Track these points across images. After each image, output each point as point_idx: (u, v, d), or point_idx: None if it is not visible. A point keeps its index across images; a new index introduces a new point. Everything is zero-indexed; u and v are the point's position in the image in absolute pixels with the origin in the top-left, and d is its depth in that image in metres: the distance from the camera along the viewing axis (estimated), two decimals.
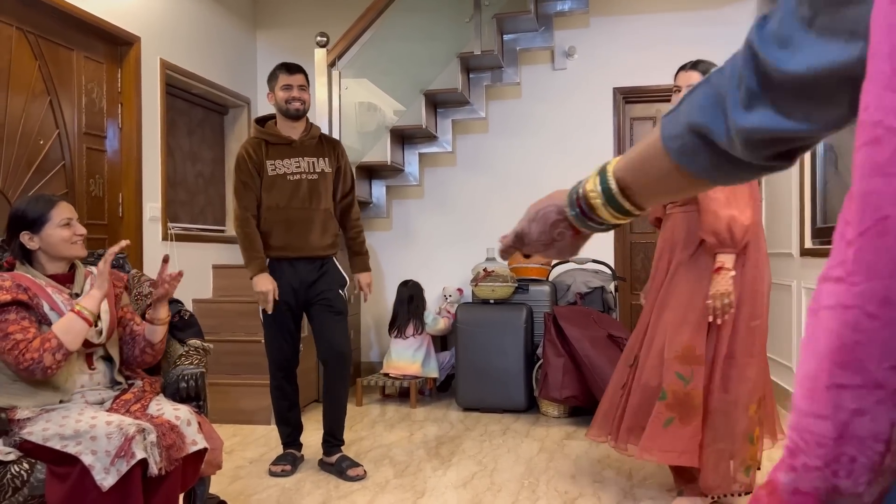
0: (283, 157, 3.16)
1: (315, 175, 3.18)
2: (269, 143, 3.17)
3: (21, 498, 1.85)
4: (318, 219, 3.19)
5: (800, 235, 4.00)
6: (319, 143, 3.26)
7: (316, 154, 3.21)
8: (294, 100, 3.13)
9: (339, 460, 3.16)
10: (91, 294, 2.08)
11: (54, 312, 2.07)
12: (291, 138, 3.18)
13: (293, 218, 3.14)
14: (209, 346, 2.46)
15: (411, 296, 4.74)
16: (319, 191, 3.19)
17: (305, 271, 3.17)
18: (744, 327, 2.49)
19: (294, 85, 3.14)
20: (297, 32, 5.56)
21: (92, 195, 3.95)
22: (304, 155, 3.18)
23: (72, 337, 2.00)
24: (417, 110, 4.77)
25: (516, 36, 5.04)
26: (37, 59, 3.57)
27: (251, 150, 3.16)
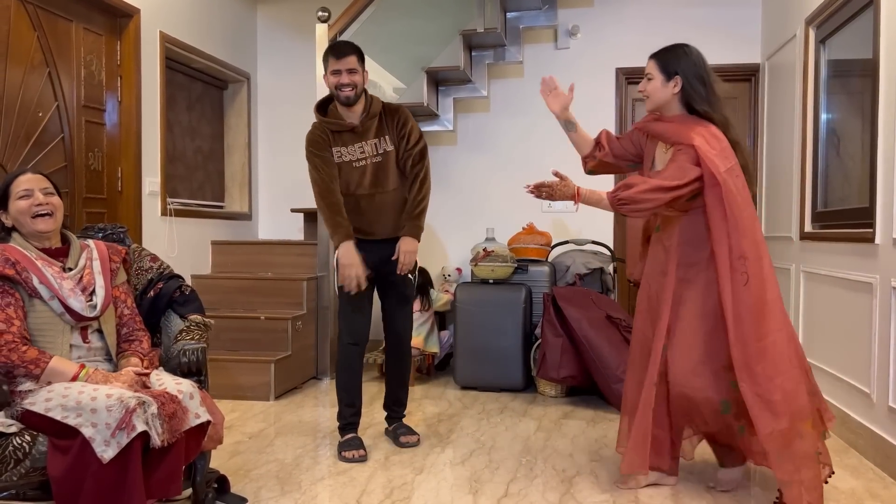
0: (346, 143, 3.05)
1: (379, 157, 3.06)
2: (333, 130, 3.06)
3: (23, 470, 1.85)
4: (389, 201, 3.10)
5: (800, 219, 4.00)
6: (380, 120, 3.09)
7: (378, 134, 3.06)
8: (343, 86, 2.96)
9: (395, 427, 3.31)
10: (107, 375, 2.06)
11: (44, 286, 2.07)
12: (353, 124, 3.04)
13: (363, 204, 3.08)
14: (210, 321, 2.46)
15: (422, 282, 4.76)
16: (386, 172, 3.07)
17: (379, 249, 3.10)
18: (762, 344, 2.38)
19: (343, 70, 2.95)
20: (299, 7, 5.51)
21: (91, 169, 3.93)
22: (367, 138, 3.05)
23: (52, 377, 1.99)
24: (419, 88, 4.74)
25: (520, 14, 5.00)
26: (35, 30, 3.52)
27: (319, 134, 3.05)
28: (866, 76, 3.20)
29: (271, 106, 5.65)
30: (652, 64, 2.60)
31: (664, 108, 2.61)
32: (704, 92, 2.53)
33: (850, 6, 3.39)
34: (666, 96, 2.58)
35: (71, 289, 2.12)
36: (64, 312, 2.10)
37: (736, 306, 2.39)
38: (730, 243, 2.40)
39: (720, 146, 2.48)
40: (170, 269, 2.59)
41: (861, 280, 3.16)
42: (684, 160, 2.46)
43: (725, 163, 2.45)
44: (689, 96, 2.54)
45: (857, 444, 3.15)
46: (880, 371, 2.97)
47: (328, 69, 3.01)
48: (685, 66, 2.54)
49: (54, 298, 2.09)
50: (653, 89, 2.60)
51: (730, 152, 2.49)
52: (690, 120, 2.55)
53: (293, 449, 3.19)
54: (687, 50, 2.57)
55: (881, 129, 3.00)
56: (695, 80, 2.53)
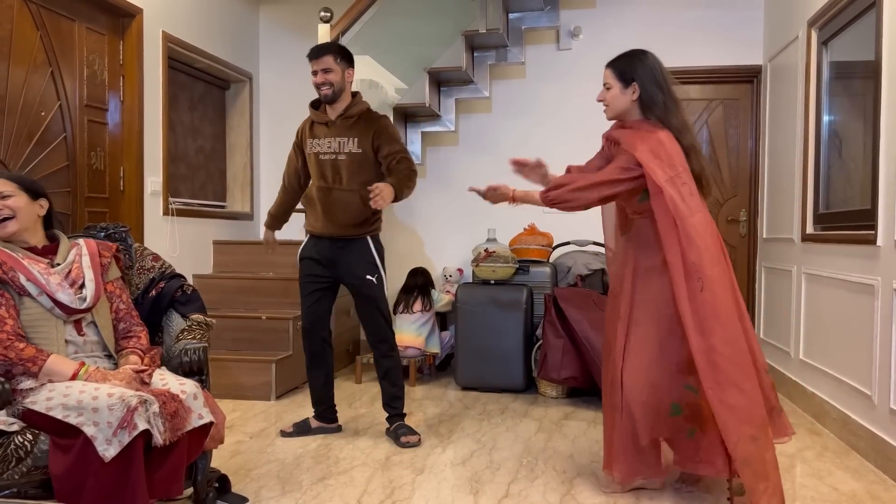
0: (320, 136, 3.24)
1: (343, 155, 3.19)
2: (314, 122, 3.29)
3: (24, 468, 1.86)
4: (343, 199, 3.20)
5: (801, 221, 4.00)
6: (357, 122, 3.20)
7: (349, 134, 3.19)
8: (321, 85, 3.16)
9: (395, 427, 3.31)
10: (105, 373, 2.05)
11: (31, 283, 2.07)
12: (329, 118, 3.23)
13: (320, 196, 3.24)
14: (212, 320, 2.46)
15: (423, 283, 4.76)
16: (347, 171, 3.19)
17: (328, 248, 3.26)
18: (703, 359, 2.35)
19: (318, 70, 3.15)
20: (301, 7, 5.51)
21: (93, 168, 3.93)
22: (337, 135, 3.20)
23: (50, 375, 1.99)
24: (421, 88, 4.74)
25: (522, 15, 5.00)
26: (38, 30, 3.53)
27: (300, 129, 3.35)
28: (868, 78, 3.20)
29: (273, 106, 5.65)
30: (609, 72, 2.57)
31: (624, 115, 2.60)
32: (661, 97, 2.51)
33: (853, 8, 3.39)
34: (625, 104, 2.56)
35: (59, 283, 2.12)
36: (54, 307, 2.10)
37: (695, 313, 2.36)
38: (682, 250, 2.39)
39: (666, 153, 2.44)
40: (171, 269, 2.60)
41: (862, 282, 3.15)
42: (624, 161, 2.47)
43: (668, 171, 2.42)
44: (647, 102, 2.53)
45: (859, 446, 3.15)
46: (881, 373, 2.97)
47: (311, 69, 3.20)
48: (642, 73, 2.52)
49: (42, 294, 2.09)
50: (611, 98, 2.58)
51: (678, 160, 2.44)
52: (645, 126, 2.52)
53: (294, 449, 3.19)
54: (642, 56, 2.56)
55: (883, 131, 3.00)
56: (652, 85, 2.51)
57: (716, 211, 5.07)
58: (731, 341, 2.34)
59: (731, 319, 2.37)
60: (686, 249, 2.38)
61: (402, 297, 4.75)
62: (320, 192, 3.23)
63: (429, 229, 5.40)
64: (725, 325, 2.35)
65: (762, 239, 4.88)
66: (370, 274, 3.24)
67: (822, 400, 3.59)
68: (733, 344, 2.34)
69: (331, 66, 3.14)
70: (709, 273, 2.36)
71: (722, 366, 2.33)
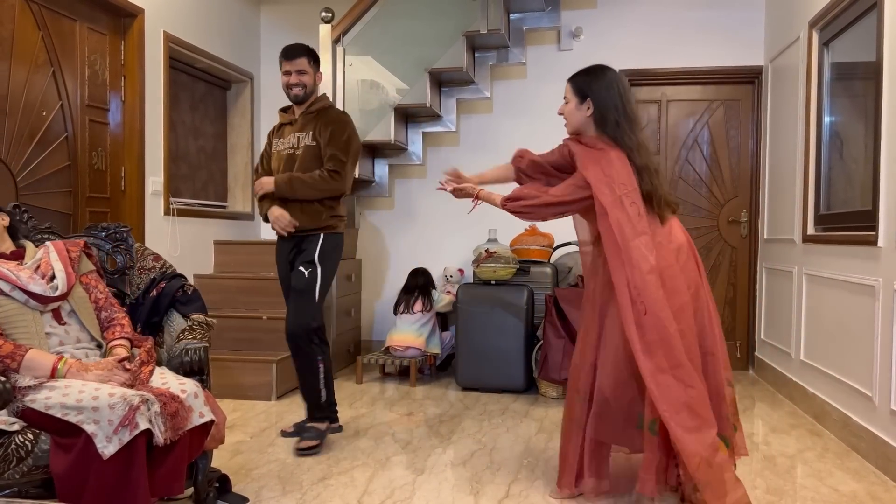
0: (283, 134, 3.31)
1: (300, 150, 3.22)
2: (282, 123, 3.35)
3: (25, 468, 1.86)
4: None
5: (802, 222, 4.00)
6: (315, 116, 3.24)
7: (306, 129, 3.23)
8: (293, 85, 3.19)
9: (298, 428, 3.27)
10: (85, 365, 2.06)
11: (2, 281, 2.09)
12: (294, 117, 3.29)
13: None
14: (213, 320, 2.46)
15: (424, 283, 4.77)
16: (302, 166, 3.18)
17: (288, 247, 3.28)
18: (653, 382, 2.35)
19: (293, 70, 3.18)
20: (302, 8, 5.52)
21: (94, 168, 3.93)
22: (298, 131, 3.25)
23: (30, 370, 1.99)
24: (422, 89, 4.74)
25: (523, 15, 5.00)
26: (40, 30, 3.53)
27: (271, 129, 3.41)
28: (869, 79, 3.20)
29: (274, 106, 5.63)
30: (567, 86, 2.59)
31: (581, 130, 2.59)
32: (615, 116, 2.49)
33: (854, 9, 3.39)
34: (581, 119, 2.56)
35: (29, 276, 2.14)
36: (28, 299, 2.11)
37: (641, 337, 2.35)
38: (626, 273, 2.37)
39: (616, 173, 2.43)
40: (172, 269, 2.60)
41: (863, 283, 3.15)
42: (574, 180, 2.50)
43: (616, 191, 2.41)
44: (599, 119, 2.52)
45: (859, 447, 3.15)
46: (882, 374, 2.97)
47: (281, 70, 3.22)
48: (597, 89, 2.51)
49: (15, 289, 2.10)
50: (568, 112, 2.59)
51: (626, 179, 2.43)
52: (599, 144, 2.51)
53: (294, 449, 3.19)
54: (602, 73, 2.55)
55: (884, 132, 3.00)
56: (607, 103, 2.50)
57: (717, 212, 5.07)
58: (679, 364, 2.32)
59: (678, 342, 2.34)
60: (629, 273, 2.37)
61: (402, 297, 4.75)
62: None
63: (430, 230, 5.40)
64: (673, 347, 2.33)
65: (763, 240, 4.88)
66: (304, 267, 3.18)
67: (823, 401, 3.59)
68: (682, 366, 2.32)
69: (305, 68, 3.18)
70: (653, 296, 2.34)
71: (672, 388, 2.32)
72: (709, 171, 5.09)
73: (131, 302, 2.51)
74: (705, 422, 2.33)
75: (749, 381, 4.73)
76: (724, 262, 5.07)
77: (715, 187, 5.08)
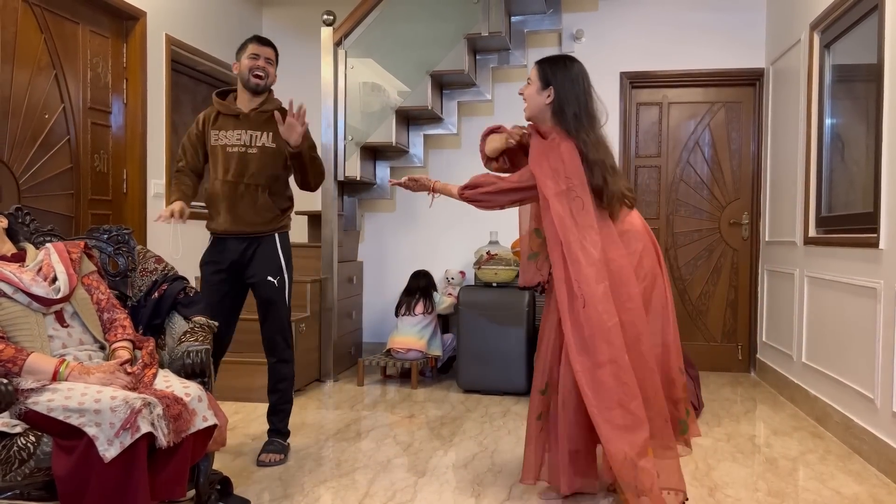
0: (227, 128, 3.07)
1: (254, 149, 3.04)
2: (220, 113, 3.09)
3: (27, 470, 1.86)
4: (252, 194, 3.05)
5: (804, 224, 4.00)
6: (272, 117, 3.06)
7: (261, 128, 3.05)
8: (258, 69, 3.02)
9: (266, 443, 3.11)
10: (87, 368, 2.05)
11: (5, 283, 2.09)
12: (240, 111, 3.06)
13: (227, 191, 3.05)
14: (214, 323, 2.46)
15: (426, 285, 4.77)
16: (257, 166, 3.04)
17: (236, 249, 3.08)
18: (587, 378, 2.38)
19: (262, 55, 3.04)
20: (303, 10, 5.53)
21: (96, 171, 3.94)
22: (248, 128, 3.05)
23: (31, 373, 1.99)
24: (423, 91, 4.75)
25: (524, 18, 5.01)
26: (42, 33, 3.54)
27: (202, 119, 3.13)
28: (871, 81, 3.20)
29: None
30: (534, 69, 2.57)
31: (538, 116, 2.58)
32: (575, 109, 2.49)
33: (855, 11, 3.39)
34: (539, 104, 2.54)
35: (32, 278, 2.14)
36: (31, 301, 2.11)
37: (577, 331, 2.35)
38: (565, 266, 2.38)
39: (564, 167, 2.42)
40: (174, 271, 2.60)
41: (865, 285, 3.15)
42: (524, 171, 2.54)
43: (560, 184, 2.41)
44: (557, 109, 2.51)
45: (861, 449, 3.15)
46: (884, 376, 2.97)
47: (246, 53, 3.05)
48: (561, 79, 2.50)
49: (18, 291, 2.10)
50: (528, 95, 2.57)
51: (572, 172, 2.42)
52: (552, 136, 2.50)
53: (296, 451, 3.19)
54: (569, 63, 2.54)
55: (885, 134, 3.00)
56: (568, 94, 2.49)
57: (718, 214, 5.07)
58: (615, 359, 2.31)
59: (616, 337, 2.33)
60: (570, 265, 2.36)
61: (403, 299, 4.75)
62: (226, 187, 3.05)
63: (431, 232, 5.41)
64: (611, 342, 2.31)
65: (764, 242, 4.87)
66: (272, 276, 3.08)
67: (825, 403, 3.59)
68: (618, 362, 2.31)
69: (272, 59, 3.10)
70: (592, 290, 2.33)
71: (607, 384, 2.31)
72: (710, 173, 5.09)
73: (133, 304, 2.51)
74: (637, 421, 2.31)
75: (751, 383, 4.73)
76: (725, 265, 5.07)
77: (716, 189, 5.08)
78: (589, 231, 2.39)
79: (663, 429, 2.42)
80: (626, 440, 2.29)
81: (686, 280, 5.11)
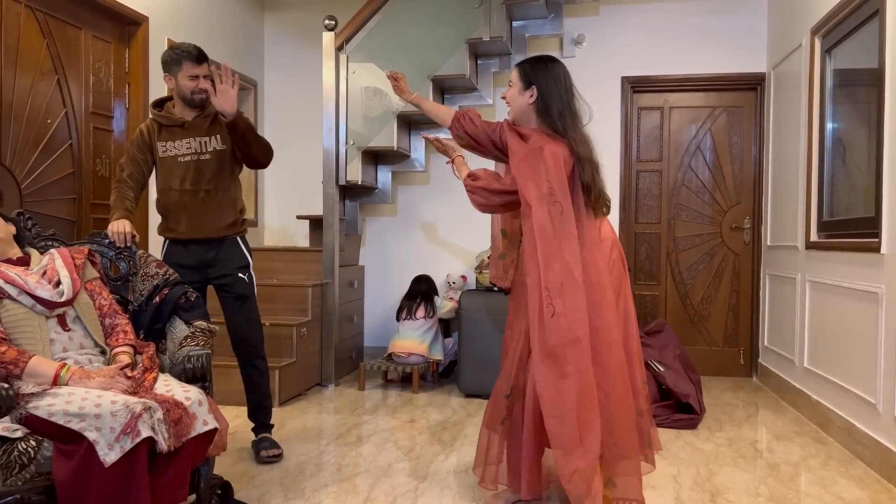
0: (174, 138, 3.06)
1: (207, 154, 3.06)
2: (163, 125, 3.07)
3: (28, 475, 1.86)
4: (213, 200, 3.08)
5: (805, 228, 3.99)
6: (215, 120, 3.08)
7: (209, 133, 3.06)
8: (200, 90, 3.01)
9: (259, 440, 3.17)
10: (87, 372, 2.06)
11: (10, 285, 2.11)
12: (184, 119, 3.06)
13: (186, 199, 3.05)
14: (215, 327, 2.46)
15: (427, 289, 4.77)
16: (213, 170, 3.06)
17: (200, 252, 3.09)
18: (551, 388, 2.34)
19: (200, 75, 3.01)
20: (305, 15, 5.54)
21: (98, 175, 3.95)
22: (196, 135, 3.05)
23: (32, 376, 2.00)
24: (425, 96, 4.74)
25: (525, 23, 5.02)
26: (45, 38, 3.55)
27: (145, 130, 3.08)
28: (872, 85, 3.20)
29: (278, 113, 5.68)
30: (514, 71, 2.56)
31: (522, 117, 2.56)
32: (559, 108, 2.47)
33: (857, 15, 3.40)
34: (522, 105, 2.52)
35: (37, 281, 2.16)
36: (34, 304, 2.12)
37: (543, 341, 2.31)
38: (539, 273, 2.33)
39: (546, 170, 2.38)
40: (175, 276, 2.61)
41: (867, 290, 3.15)
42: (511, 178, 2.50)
43: (541, 188, 2.37)
44: (541, 109, 2.49)
45: (863, 454, 3.14)
46: (886, 381, 2.96)
47: (183, 72, 3.01)
48: (543, 79, 2.48)
49: (22, 293, 2.12)
50: (511, 96, 2.56)
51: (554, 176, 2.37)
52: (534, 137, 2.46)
53: (297, 455, 3.19)
54: (550, 63, 2.52)
55: (887, 139, 3.00)
56: (551, 93, 2.47)
57: (720, 218, 5.07)
58: (580, 370, 2.29)
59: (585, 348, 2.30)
60: (542, 273, 2.33)
61: (405, 303, 4.75)
62: (185, 196, 3.05)
63: (433, 236, 5.41)
64: (578, 354, 2.29)
65: (766, 246, 4.87)
66: (241, 272, 3.13)
67: (827, 408, 3.58)
68: (583, 373, 2.29)
69: (209, 73, 3.05)
70: (564, 300, 2.30)
71: (567, 395, 2.28)
72: (711, 177, 5.09)
73: (134, 308, 2.52)
74: (593, 436, 2.28)
75: (752, 387, 4.72)
76: (727, 269, 5.07)
77: (718, 194, 5.08)
78: (568, 239, 2.35)
79: (628, 437, 2.39)
80: (579, 454, 2.27)
81: (688, 284, 5.10)
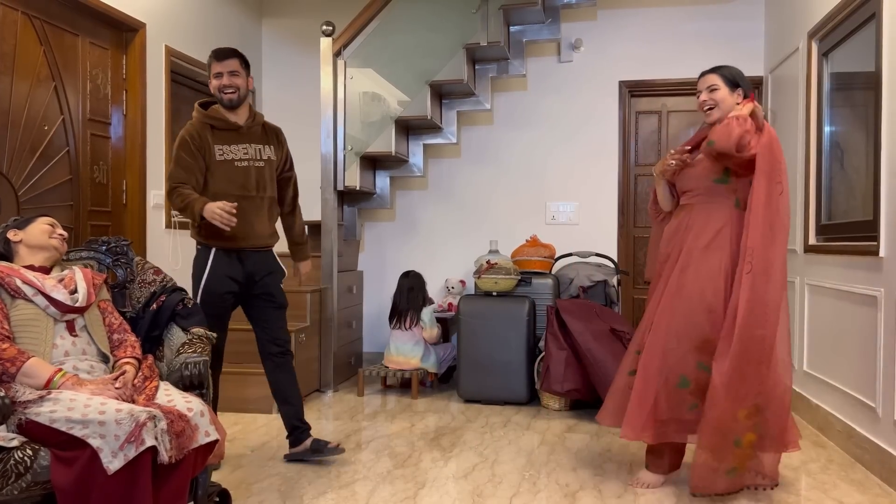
0: (230, 142, 3.03)
1: (262, 162, 3.09)
2: (216, 127, 3.02)
3: (24, 484, 1.85)
4: (265, 207, 3.12)
5: (804, 232, 3.99)
6: (263, 130, 3.16)
7: (262, 141, 3.12)
8: (226, 87, 2.98)
9: (313, 442, 3.16)
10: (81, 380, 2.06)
11: (27, 285, 2.14)
12: (238, 124, 3.05)
13: (244, 205, 3.00)
14: (213, 334, 2.46)
15: (411, 287, 4.71)
16: (266, 178, 3.11)
17: (251, 262, 3.09)
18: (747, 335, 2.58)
19: (224, 72, 2.98)
20: (303, 21, 5.55)
21: (96, 182, 3.94)
22: (252, 141, 3.08)
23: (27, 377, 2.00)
24: (423, 101, 4.76)
25: (523, 27, 5.02)
26: (42, 45, 3.55)
27: (196, 133, 2.98)
28: (869, 89, 3.20)
29: (276, 119, 5.60)
30: (714, 76, 2.88)
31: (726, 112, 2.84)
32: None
33: (853, 19, 3.40)
34: (732, 105, 2.85)
35: (54, 285, 2.19)
36: (48, 305, 2.15)
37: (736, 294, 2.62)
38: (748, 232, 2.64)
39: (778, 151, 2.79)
40: (173, 282, 2.60)
41: (865, 293, 3.14)
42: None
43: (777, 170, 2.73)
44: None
45: (863, 458, 3.13)
46: (885, 385, 2.95)
47: (211, 73, 3.03)
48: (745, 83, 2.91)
49: (38, 294, 2.15)
50: (721, 98, 2.86)
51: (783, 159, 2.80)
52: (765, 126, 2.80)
53: (295, 462, 3.18)
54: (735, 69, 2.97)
55: (884, 142, 3.00)
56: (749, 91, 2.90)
57: None
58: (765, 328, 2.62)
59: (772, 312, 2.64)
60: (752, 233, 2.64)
61: (394, 311, 4.70)
62: (243, 202, 2.99)
63: (431, 241, 5.41)
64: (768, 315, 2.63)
65: None
66: (280, 283, 3.22)
67: (827, 412, 3.57)
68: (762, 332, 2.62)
69: (238, 70, 3.02)
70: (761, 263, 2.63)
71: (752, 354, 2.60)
72: None
73: (132, 315, 2.51)
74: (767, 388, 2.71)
75: None
76: None
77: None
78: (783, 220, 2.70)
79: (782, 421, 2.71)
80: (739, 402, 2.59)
81: None
